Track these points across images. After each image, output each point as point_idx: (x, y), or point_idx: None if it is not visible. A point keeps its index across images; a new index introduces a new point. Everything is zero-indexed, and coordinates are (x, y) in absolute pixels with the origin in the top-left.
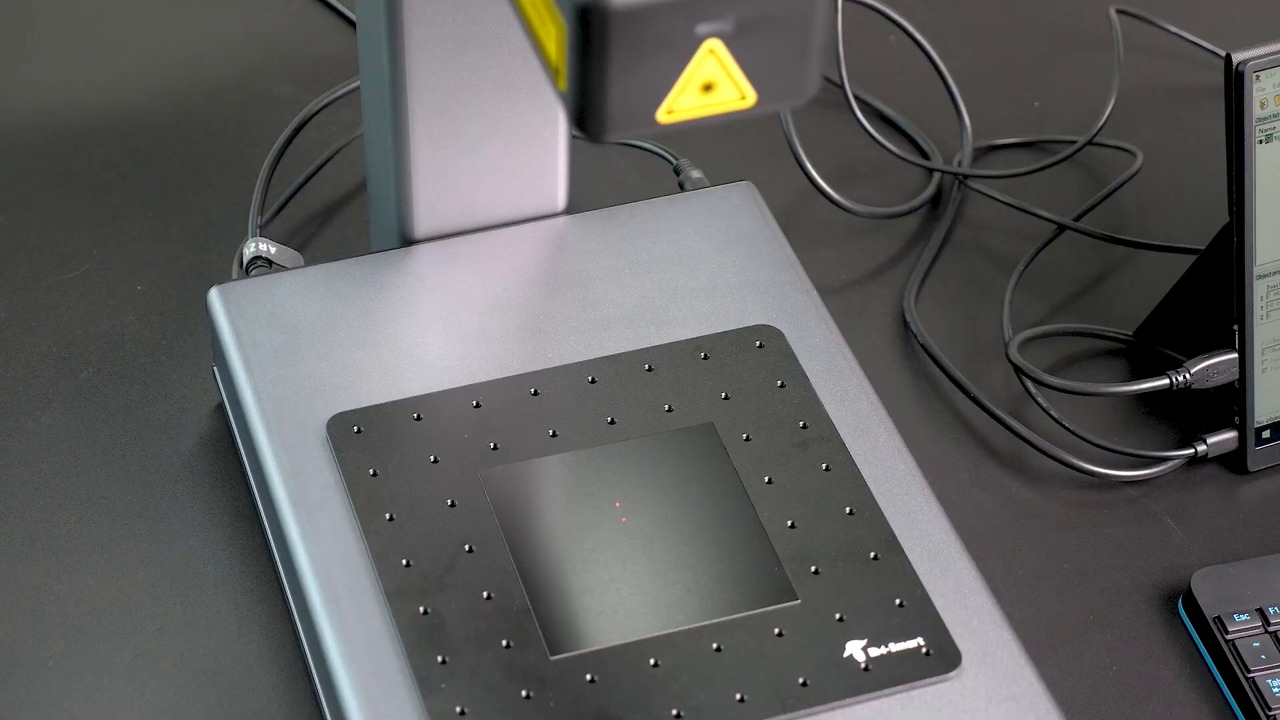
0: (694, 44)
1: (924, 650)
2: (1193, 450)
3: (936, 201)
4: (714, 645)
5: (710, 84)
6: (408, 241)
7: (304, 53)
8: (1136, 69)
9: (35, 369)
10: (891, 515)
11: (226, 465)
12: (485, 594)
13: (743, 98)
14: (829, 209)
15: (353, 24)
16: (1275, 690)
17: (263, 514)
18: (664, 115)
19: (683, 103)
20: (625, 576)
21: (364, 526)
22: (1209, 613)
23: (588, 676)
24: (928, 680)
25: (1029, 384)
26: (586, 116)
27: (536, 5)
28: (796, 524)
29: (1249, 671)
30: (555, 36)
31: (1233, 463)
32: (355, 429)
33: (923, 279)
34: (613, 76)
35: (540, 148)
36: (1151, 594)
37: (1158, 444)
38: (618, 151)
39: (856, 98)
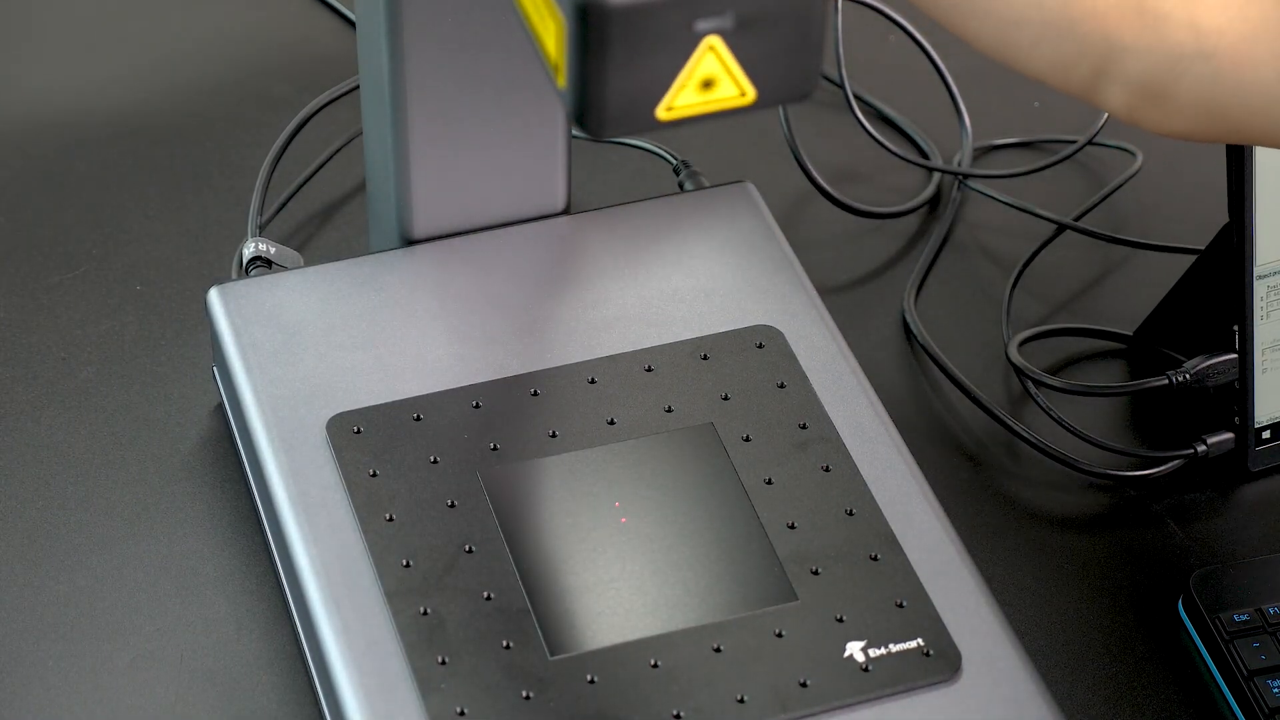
0: (693, 41)
1: (924, 651)
2: (1193, 450)
3: (936, 202)
4: (714, 646)
5: (710, 81)
6: (408, 241)
7: (304, 53)
8: None
9: (35, 369)
10: (891, 515)
11: (226, 465)
12: (485, 594)
13: (742, 95)
14: (829, 209)
15: (353, 24)
16: (1275, 690)
17: (263, 514)
18: (664, 112)
19: (682, 100)
20: (625, 576)
21: (364, 526)
22: (1209, 613)
23: (588, 677)
24: (927, 681)
25: (1029, 384)
26: (586, 113)
27: (536, 3)
28: (796, 524)
29: (1249, 671)
30: (555, 34)
31: (1233, 463)
32: (355, 429)
33: (922, 279)
34: (612, 73)
35: (540, 148)
36: (1151, 594)
37: (1158, 444)
38: (618, 151)
39: (856, 97)
